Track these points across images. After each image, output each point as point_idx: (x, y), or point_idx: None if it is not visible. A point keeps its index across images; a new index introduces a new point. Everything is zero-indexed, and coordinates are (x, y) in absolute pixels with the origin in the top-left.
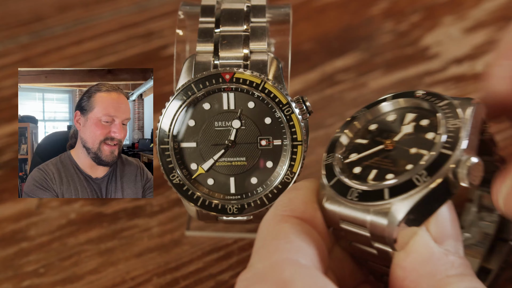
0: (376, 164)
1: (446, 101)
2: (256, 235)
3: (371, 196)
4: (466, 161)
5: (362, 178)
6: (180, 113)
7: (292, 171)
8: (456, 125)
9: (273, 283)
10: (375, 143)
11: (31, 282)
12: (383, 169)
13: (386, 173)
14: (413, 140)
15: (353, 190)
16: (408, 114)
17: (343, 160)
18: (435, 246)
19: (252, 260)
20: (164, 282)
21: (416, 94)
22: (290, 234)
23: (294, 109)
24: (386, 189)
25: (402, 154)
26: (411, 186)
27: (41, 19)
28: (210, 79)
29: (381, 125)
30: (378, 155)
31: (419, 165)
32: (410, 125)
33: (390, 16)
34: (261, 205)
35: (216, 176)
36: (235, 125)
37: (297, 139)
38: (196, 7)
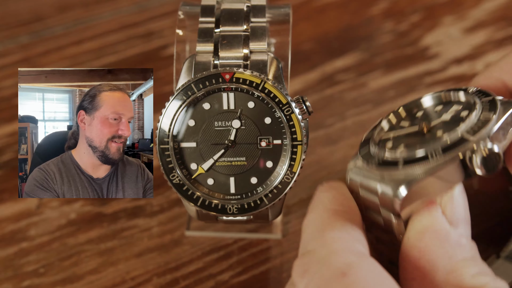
0: (407, 142)
1: (491, 97)
2: (304, 227)
3: (388, 164)
4: (484, 149)
5: (389, 151)
6: (180, 113)
7: (292, 171)
8: (488, 117)
9: (335, 269)
10: (413, 125)
11: (31, 282)
12: (411, 146)
13: (411, 149)
14: (446, 126)
15: (375, 159)
16: (454, 105)
17: (380, 136)
18: (451, 228)
19: (308, 247)
20: (164, 282)
21: (468, 90)
22: (347, 226)
23: (294, 109)
24: (401, 159)
25: (431, 136)
26: (423, 159)
27: (41, 19)
28: (210, 79)
29: (425, 113)
30: (412, 136)
31: (439, 143)
32: (449, 114)
33: (390, 16)
34: (261, 205)
35: (216, 176)
36: (235, 125)
37: (297, 139)
38: (196, 7)
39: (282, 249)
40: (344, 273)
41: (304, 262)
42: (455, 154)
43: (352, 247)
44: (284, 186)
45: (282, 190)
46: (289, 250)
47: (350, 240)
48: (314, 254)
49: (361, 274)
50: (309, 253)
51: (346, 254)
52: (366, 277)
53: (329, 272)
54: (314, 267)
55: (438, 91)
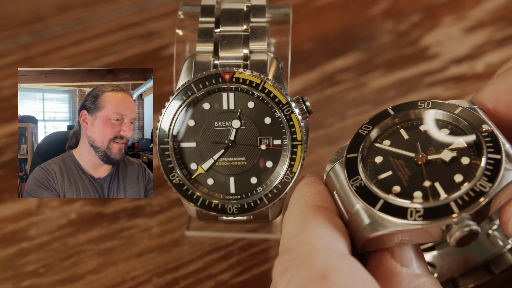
0: (393, 176)
1: (498, 157)
2: (285, 221)
3: (366, 195)
4: (464, 228)
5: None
6: (180, 113)
7: (292, 171)
8: (483, 189)
9: (315, 269)
10: (410, 147)
11: (31, 282)
12: (394, 186)
13: (394, 193)
14: (440, 172)
15: (359, 181)
16: (459, 139)
17: (371, 144)
18: (403, 270)
19: (288, 245)
20: (164, 282)
21: (482, 128)
22: (328, 224)
23: (294, 109)
24: (381, 201)
25: (418, 181)
26: (401, 214)
27: (41, 19)
28: (210, 79)
29: (427, 133)
30: (404, 165)
31: (422, 204)
32: (449, 155)
33: (390, 16)
34: (261, 205)
35: (216, 176)
36: (235, 125)
37: (297, 139)
38: (196, 7)
39: None
40: (324, 276)
41: (284, 261)
42: (434, 225)
43: (333, 246)
44: (284, 186)
45: (282, 190)
46: None
47: (331, 238)
48: (294, 252)
49: (341, 276)
50: (289, 252)
51: (327, 254)
52: (346, 279)
53: (309, 273)
54: (293, 267)
55: (449, 110)
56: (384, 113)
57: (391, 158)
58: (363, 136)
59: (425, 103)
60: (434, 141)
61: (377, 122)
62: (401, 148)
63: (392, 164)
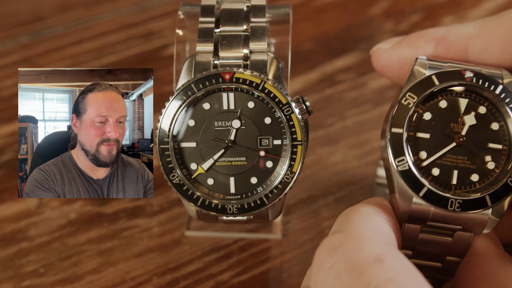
0: (454, 163)
1: (501, 86)
2: (342, 214)
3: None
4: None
5: (444, 182)
6: (180, 113)
7: (292, 171)
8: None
9: (372, 251)
10: (441, 138)
11: (31, 282)
12: (462, 169)
13: (470, 174)
14: (481, 133)
15: (453, 201)
16: (461, 100)
17: (417, 162)
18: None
19: (340, 228)
20: (164, 282)
21: (466, 77)
22: (383, 222)
23: (294, 109)
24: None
25: (475, 150)
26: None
27: (41, 19)
28: (210, 79)
29: (436, 115)
30: (451, 152)
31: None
32: (471, 115)
33: (390, 16)
34: (261, 205)
35: (216, 176)
36: (235, 125)
37: (297, 139)
38: (196, 7)
39: (282, 249)
40: (380, 259)
41: (334, 239)
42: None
43: (384, 237)
44: (284, 186)
45: (282, 190)
46: (289, 250)
47: (383, 230)
48: (346, 235)
49: (397, 263)
50: (340, 233)
51: (381, 242)
52: (401, 267)
53: (363, 255)
54: (346, 246)
55: (423, 78)
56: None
57: (441, 161)
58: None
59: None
60: (450, 116)
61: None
62: (435, 146)
63: (450, 164)
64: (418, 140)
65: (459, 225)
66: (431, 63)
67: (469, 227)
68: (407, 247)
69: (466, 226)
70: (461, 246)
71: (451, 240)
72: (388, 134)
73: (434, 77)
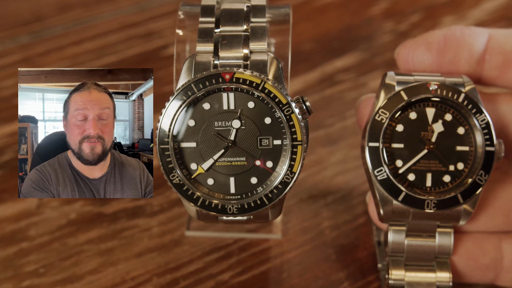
0: (427, 168)
1: (463, 94)
2: None
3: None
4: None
5: (420, 185)
6: (180, 113)
7: (292, 171)
8: (484, 120)
9: None
10: (413, 146)
11: (31, 282)
12: (435, 172)
13: (442, 176)
14: (449, 138)
15: (429, 202)
16: (428, 110)
17: (393, 170)
18: None
19: None
20: (164, 282)
21: (431, 90)
22: None
23: (294, 109)
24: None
25: (445, 154)
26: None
27: (41, 19)
28: (210, 79)
29: (407, 126)
30: (423, 158)
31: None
32: (439, 123)
33: (390, 16)
34: (261, 205)
35: (216, 176)
36: (235, 125)
37: (297, 139)
38: (196, 7)
39: (282, 249)
40: None
41: None
42: None
43: None
44: (284, 186)
45: (282, 190)
46: (289, 250)
47: None
48: None
49: None
50: None
51: None
52: None
53: None
54: None
55: (394, 94)
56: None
57: (416, 167)
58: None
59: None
60: (419, 126)
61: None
62: (410, 154)
63: (423, 169)
64: (393, 150)
65: (437, 221)
66: (399, 78)
67: (447, 221)
68: (396, 252)
69: (444, 220)
70: (445, 242)
71: (435, 240)
72: (366, 148)
73: (403, 93)
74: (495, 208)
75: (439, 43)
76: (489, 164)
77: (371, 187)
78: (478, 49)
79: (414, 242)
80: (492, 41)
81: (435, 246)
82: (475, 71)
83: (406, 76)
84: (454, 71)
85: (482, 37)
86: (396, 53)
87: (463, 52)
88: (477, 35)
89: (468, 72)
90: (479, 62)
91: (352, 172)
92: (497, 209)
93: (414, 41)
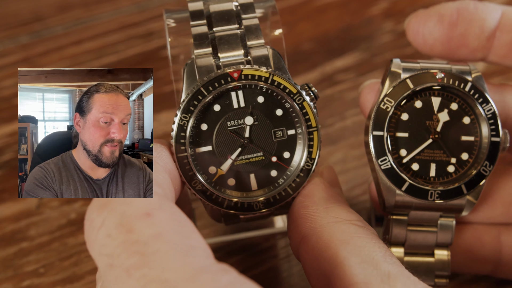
0: (431, 157)
1: (470, 83)
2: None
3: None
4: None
5: (424, 175)
6: (191, 119)
7: (311, 157)
8: (491, 110)
9: (140, 207)
10: (418, 135)
11: (31, 282)
12: (439, 162)
13: (446, 166)
14: (455, 127)
15: (432, 192)
16: (434, 99)
17: (398, 159)
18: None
19: None
20: None
21: (438, 79)
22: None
23: (305, 97)
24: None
25: (450, 144)
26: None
27: (41, 19)
28: (219, 79)
29: (412, 115)
30: (428, 147)
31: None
32: (445, 112)
33: (390, 16)
34: (286, 196)
35: (236, 175)
36: (248, 122)
37: (312, 125)
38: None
39: (283, 249)
40: (148, 214)
41: (101, 199)
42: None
43: (158, 190)
44: (306, 173)
45: (304, 178)
46: (289, 250)
47: (156, 185)
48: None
49: (164, 215)
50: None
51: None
52: (169, 218)
53: (133, 210)
54: (114, 203)
55: (400, 81)
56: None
57: (420, 157)
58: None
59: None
60: (425, 115)
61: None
62: (414, 143)
63: (427, 159)
64: (397, 139)
65: (440, 211)
66: (405, 65)
67: (449, 212)
68: (397, 242)
69: (446, 211)
70: (446, 233)
71: (436, 229)
72: (370, 136)
73: (409, 81)
74: (496, 199)
75: (451, 16)
76: (494, 155)
77: (375, 177)
78: (490, 25)
79: (415, 234)
80: (505, 18)
81: (435, 236)
82: (484, 47)
83: (412, 63)
84: (462, 45)
85: (495, 13)
86: (406, 23)
87: (474, 26)
88: (490, 11)
89: (476, 47)
90: (489, 38)
91: (352, 172)
92: (497, 200)
93: (426, 12)
